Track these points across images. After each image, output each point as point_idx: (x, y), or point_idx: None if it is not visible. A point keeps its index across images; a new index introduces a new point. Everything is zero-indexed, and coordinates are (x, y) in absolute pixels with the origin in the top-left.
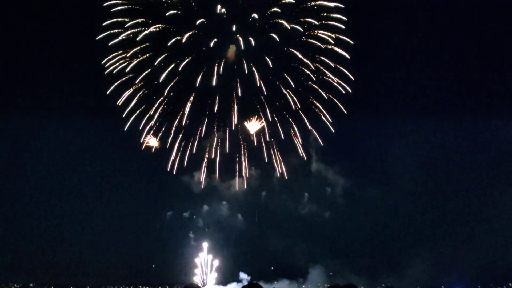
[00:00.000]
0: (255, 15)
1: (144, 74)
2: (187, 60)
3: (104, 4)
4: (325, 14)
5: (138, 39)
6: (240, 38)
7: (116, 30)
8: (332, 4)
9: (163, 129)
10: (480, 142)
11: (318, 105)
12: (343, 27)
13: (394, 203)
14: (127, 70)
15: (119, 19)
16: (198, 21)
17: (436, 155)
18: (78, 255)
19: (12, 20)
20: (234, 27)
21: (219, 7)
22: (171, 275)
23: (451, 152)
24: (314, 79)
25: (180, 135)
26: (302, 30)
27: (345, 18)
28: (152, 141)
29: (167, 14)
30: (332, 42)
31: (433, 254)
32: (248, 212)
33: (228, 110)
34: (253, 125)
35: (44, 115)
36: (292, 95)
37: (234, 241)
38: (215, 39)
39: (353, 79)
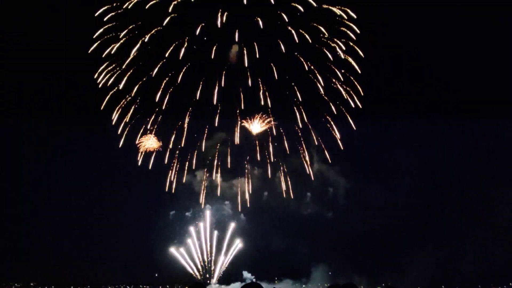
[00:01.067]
0: (260, 22)
1: (138, 85)
2: (186, 71)
3: (96, 14)
4: (338, 19)
5: (133, 49)
6: (243, 47)
7: (109, 36)
8: (343, 14)
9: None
10: (480, 142)
11: (328, 118)
12: (354, 38)
13: (396, 204)
14: (121, 84)
15: (112, 27)
16: (198, 29)
17: (437, 155)
18: (79, 255)
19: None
20: (236, 35)
21: (220, 13)
22: (173, 275)
23: (451, 152)
24: (323, 92)
25: (177, 154)
26: (310, 39)
27: (357, 30)
28: (151, 142)
29: (164, 23)
30: (342, 55)
31: (434, 254)
32: (251, 212)
33: (231, 124)
34: (256, 126)
35: (48, 121)
36: (300, 108)
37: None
38: (216, 47)
39: (362, 93)
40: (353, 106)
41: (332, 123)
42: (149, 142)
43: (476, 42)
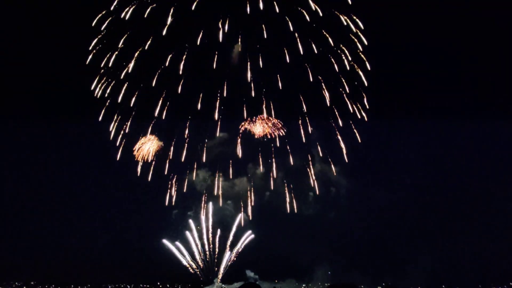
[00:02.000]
0: (264, 31)
1: (136, 95)
2: (186, 81)
3: (93, 24)
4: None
5: (131, 59)
6: (247, 56)
7: (106, 45)
8: (351, 23)
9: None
10: (480, 143)
11: (333, 125)
12: (361, 48)
13: (397, 204)
14: (120, 96)
15: (109, 36)
16: (199, 38)
17: (437, 157)
18: (79, 254)
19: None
20: (239, 45)
21: (221, 21)
22: (174, 274)
23: (452, 154)
24: (328, 103)
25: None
26: (316, 48)
27: (365, 41)
28: (153, 143)
29: (163, 33)
30: (348, 66)
31: (435, 254)
32: (253, 212)
33: (233, 125)
34: (258, 128)
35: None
36: (306, 119)
37: (239, 240)
38: (218, 57)
39: (368, 107)
40: (359, 117)
41: (338, 134)
42: (151, 143)
43: (476, 47)
